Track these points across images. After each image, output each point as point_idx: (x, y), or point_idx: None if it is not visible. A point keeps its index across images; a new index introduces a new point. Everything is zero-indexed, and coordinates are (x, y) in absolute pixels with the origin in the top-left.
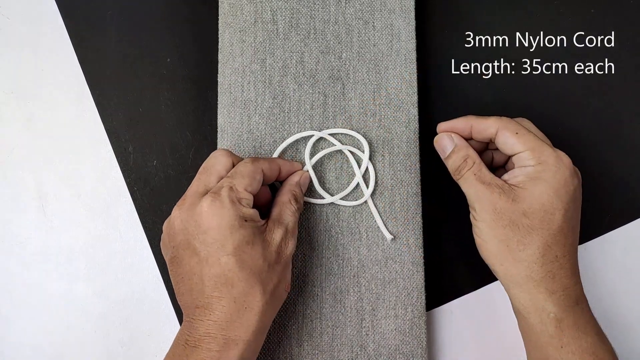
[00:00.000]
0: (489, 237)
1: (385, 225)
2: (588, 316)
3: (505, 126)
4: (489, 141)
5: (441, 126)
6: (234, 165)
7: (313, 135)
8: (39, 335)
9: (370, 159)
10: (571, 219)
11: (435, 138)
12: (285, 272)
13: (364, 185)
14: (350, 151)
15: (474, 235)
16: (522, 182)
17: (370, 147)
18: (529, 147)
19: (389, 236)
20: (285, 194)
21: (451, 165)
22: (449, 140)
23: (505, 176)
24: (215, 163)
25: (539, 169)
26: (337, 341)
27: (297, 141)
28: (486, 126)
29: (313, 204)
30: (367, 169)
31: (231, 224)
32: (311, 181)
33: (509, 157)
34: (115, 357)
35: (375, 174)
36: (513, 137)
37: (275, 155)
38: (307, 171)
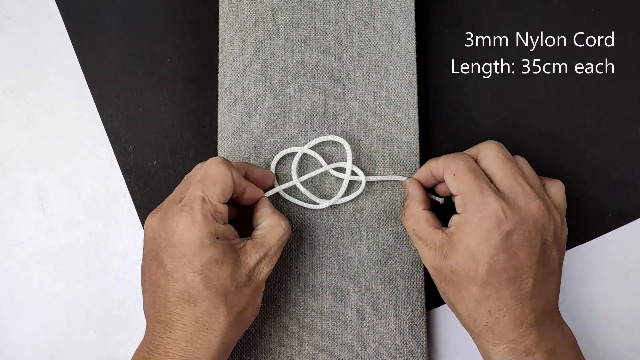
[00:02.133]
0: (438, 288)
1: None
2: None
3: (447, 166)
4: None
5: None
6: None
7: (297, 153)
8: (39, 335)
9: (358, 162)
10: (502, 270)
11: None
12: (255, 296)
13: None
14: (336, 168)
15: None
16: (452, 232)
17: (357, 149)
18: (461, 190)
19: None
20: (274, 215)
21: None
22: (405, 188)
23: (449, 222)
24: (195, 174)
25: (463, 219)
26: (337, 341)
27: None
28: (437, 167)
29: (311, 209)
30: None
31: (201, 240)
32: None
33: None
34: (115, 357)
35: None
36: (451, 178)
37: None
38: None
